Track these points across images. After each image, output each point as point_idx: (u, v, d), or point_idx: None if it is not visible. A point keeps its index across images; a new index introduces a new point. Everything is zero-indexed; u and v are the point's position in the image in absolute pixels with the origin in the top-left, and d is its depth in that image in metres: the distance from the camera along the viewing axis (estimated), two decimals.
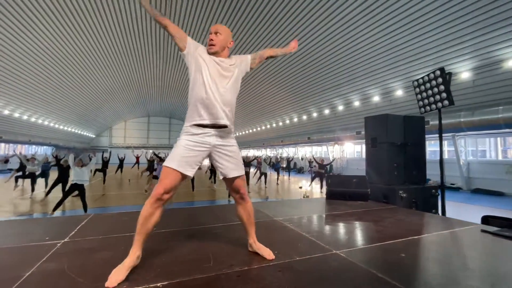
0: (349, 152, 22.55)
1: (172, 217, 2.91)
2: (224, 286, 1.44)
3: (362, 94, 15.46)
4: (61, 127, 26.48)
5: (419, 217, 3.09)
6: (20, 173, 10.07)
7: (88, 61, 17.48)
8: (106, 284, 1.35)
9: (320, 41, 13.17)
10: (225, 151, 1.72)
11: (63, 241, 2.08)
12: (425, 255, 2.00)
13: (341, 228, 2.61)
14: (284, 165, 17.42)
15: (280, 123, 26.38)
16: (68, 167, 7.75)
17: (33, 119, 20.95)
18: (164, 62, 20.64)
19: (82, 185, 6.37)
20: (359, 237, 2.34)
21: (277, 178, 14.55)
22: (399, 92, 13.45)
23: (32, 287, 1.37)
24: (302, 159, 26.89)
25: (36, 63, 15.11)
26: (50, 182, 8.97)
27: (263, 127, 29.63)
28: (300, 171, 26.15)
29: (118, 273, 1.42)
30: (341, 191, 4.07)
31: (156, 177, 9.33)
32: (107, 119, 36.84)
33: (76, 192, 6.43)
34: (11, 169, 18.03)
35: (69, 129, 28.84)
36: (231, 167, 1.74)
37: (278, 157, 18.02)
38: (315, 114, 20.48)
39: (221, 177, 1.80)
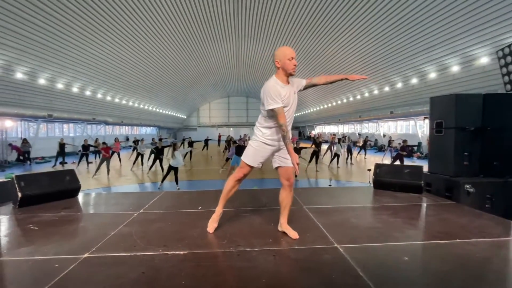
0: None
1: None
2: (225, 260, 1.88)
3: (463, 56, 12.45)
4: (161, 110, 31.98)
5: (477, 218, 2.70)
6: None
7: (178, 51, 20.11)
8: (208, 229, 2.30)
9: None
10: (283, 149, 2.19)
11: (138, 212, 2.95)
12: (434, 264, 1.90)
13: (364, 222, 2.63)
14: (360, 144, 16.31)
15: (358, 97, 24.19)
16: (163, 148, 9.83)
17: (141, 106, 26.12)
18: (237, 45, 21.67)
19: (176, 168, 8.02)
20: (374, 233, 2.34)
21: (348, 158, 13.83)
22: None
23: (111, 243, 2.15)
24: (384, 135, 24.29)
25: (142, 62, 18.52)
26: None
27: (339, 102, 27.83)
28: (381, 149, 23.80)
29: (213, 223, 2.33)
30: (390, 181, 3.82)
31: (228, 159, 10.60)
32: (195, 101, 41.99)
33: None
34: (131, 146, 23.36)
35: (167, 112, 34.52)
36: (286, 161, 2.20)
37: (347, 138, 16.91)
38: (399, 85, 17.85)
39: (274, 167, 2.32)
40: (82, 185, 3.71)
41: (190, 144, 15.42)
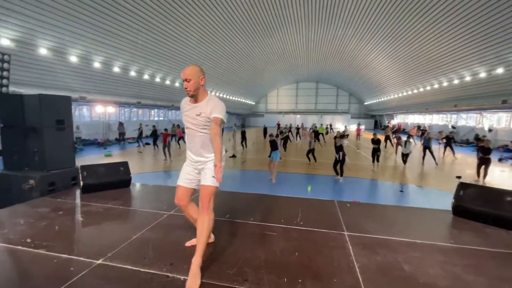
0: None
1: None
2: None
3: None
4: (230, 97, 33.52)
5: None
6: None
7: (248, 39, 20.30)
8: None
9: None
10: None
11: (169, 213, 2.98)
12: None
13: (423, 272, 1.92)
14: (443, 141, 13.14)
15: (456, 81, 19.61)
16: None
17: (212, 93, 27.90)
18: (307, 29, 20.40)
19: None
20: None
21: (425, 157, 11.14)
22: None
23: (126, 251, 2.17)
24: (490, 130, 19.35)
25: (214, 52, 19.53)
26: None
27: (428, 88, 23.29)
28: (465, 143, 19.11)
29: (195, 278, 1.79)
30: (480, 210, 2.80)
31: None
32: (264, 88, 42.35)
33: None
34: None
35: (236, 98, 35.98)
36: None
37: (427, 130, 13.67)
38: None
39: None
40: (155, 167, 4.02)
41: (243, 134, 15.52)
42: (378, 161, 9.67)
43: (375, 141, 9.49)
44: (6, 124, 3.92)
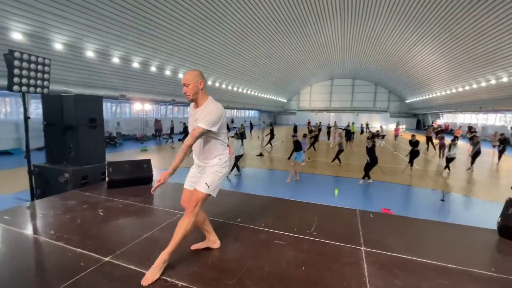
0: None
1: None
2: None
3: None
4: (262, 95, 33.50)
5: None
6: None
7: (281, 37, 20.05)
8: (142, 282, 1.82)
9: None
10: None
11: (182, 213, 2.99)
12: None
13: None
14: (495, 142, 11.47)
15: None
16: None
17: (244, 91, 28.16)
18: (342, 23, 19.42)
19: (237, 156, 8.21)
20: None
21: (471, 164, 9.92)
22: None
23: (134, 249, 2.22)
24: None
25: (247, 51, 19.65)
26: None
27: (483, 84, 20.68)
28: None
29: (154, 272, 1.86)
30: None
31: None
32: (296, 85, 41.54)
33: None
34: (235, 127, 25.82)
35: (268, 96, 35.86)
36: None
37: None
38: None
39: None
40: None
41: (271, 132, 15.37)
42: (412, 165, 8.85)
43: (413, 143, 8.66)
44: (48, 122, 4.33)
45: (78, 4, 9.34)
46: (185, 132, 15.11)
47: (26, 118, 3.76)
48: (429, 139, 15.40)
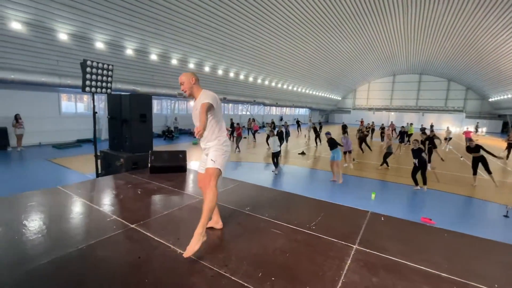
0: None
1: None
2: (198, 279, 1.88)
3: None
4: (314, 92, 32.68)
5: None
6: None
7: (334, 32, 19.36)
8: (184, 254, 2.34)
9: None
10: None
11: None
12: None
13: None
14: None
15: None
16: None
17: (294, 89, 27.97)
18: (405, 11, 17.58)
19: (275, 152, 8.39)
20: None
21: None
22: None
23: (154, 222, 2.72)
24: None
25: (297, 48, 19.60)
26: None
27: None
28: None
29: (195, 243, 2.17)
30: None
31: (345, 152, 9.65)
32: (352, 82, 39.13)
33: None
34: (283, 125, 25.95)
35: (320, 93, 34.78)
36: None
37: None
38: None
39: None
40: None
41: (316, 131, 15.06)
42: (475, 173, 7.65)
43: (472, 149, 7.44)
44: (111, 116, 5.32)
45: (144, 14, 10.84)
46: (231, 127, 16.08)
47: (94, 113, 4.74)
48: (510, 146, 12.92)
